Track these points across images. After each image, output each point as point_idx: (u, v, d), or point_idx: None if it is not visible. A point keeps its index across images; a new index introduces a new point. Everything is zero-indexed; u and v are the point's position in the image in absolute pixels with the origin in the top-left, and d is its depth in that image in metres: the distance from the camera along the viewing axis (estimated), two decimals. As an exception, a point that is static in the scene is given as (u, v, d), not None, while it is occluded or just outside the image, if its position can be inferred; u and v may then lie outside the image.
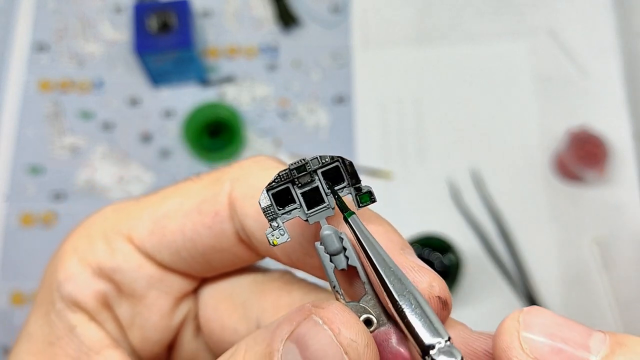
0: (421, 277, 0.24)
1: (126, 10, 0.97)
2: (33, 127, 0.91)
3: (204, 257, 0.29)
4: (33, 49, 0.95)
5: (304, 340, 0.22)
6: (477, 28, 0.93)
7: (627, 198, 0.83)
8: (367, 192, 0.25)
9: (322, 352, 0.22)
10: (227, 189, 0.28)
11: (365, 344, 0.22)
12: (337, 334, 0.22)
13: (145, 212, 0.29)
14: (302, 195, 0.25)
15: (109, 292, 0.29)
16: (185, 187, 0.29)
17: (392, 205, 0.84)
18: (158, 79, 0.91)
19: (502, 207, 0.83)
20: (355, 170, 0.25)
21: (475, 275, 0.80)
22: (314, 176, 0.25)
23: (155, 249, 0.29)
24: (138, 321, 0.30)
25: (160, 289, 0.29)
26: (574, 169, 0.82)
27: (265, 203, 0.25)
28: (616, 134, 0.85)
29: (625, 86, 0.88)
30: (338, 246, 0.25)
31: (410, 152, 0.87)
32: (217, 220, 0.28)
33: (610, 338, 0.21)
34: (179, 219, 0.28)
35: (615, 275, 0.80)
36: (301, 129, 0.90)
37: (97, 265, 0.29)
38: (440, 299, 0.24)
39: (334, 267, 0.25)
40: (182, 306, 0.31)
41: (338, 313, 0.23)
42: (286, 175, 0.25)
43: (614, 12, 0.92)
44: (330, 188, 0.25)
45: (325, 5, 0.96)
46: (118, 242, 0.29)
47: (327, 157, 0.25)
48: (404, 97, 0.90)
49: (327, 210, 0.25)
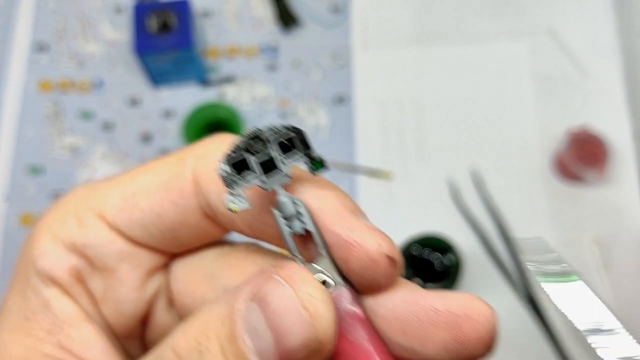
0: (370, 237, 0.25)
1: (126, 10, 0.97)
2: (33, 127, 0.91)
3: (171, 233, 0.30)
4: (33, 49, 0.95)
5: (266, 298, 0.23)
6: (477, 28, 0.93)
7: (627, 198, 0.83)
8: (319, 159, 0.27)
9: (283, 307, 0.23)
10: (192, 166, 0.29)
11: (323, 299, 0.23)
12: (296, 290, 0.23)
13: (116, 190, 0.30)
14: (259, 164, 0.26)
15: (81, 266, 0.30)
16: (154, 165, 0.30)
17: (392, 205, 0.84)
18: (158, 79, 0.91)
19: (502, 207, 0.83)
20: (307, 139, 0.26)
21: (475, 275, 0.80)
22: (268, 145, 0.26)
23: (125, 224, 0.30)
24: (110, 294, 0.31)
25: (131, 263, 0.30)
26: (574, 169, 0.82)
27: (223, 172, 0.26)
28: (616, 134, 0.85)
29: (625, 86, 0.88)
30: (293, 211, 0.26)
31: (410, 152, 0.87)
32: (183, 196, 0.29)
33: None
34: (147, 196, 0.29)
35: (615, 275, 0.80)
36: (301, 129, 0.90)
37: (70, 241, 0.30)
38: (388, 258, 0.25)
39: (290, 231, 0.26)
40: (154, 280, 0.32)
41: (297, 271, 0.24)
42: (242, 145, 0.26)
43: (614, 12, 0.92)
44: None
45: (325, 5, 0.96)
46: (89, 218, 0.30)
47: (281, 127, 0.26)
48: (404, 97, 0.90)
49: (283, 178, 0.26)
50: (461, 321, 0.25)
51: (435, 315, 0.25)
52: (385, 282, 0.26)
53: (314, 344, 0.23)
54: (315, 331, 0.23)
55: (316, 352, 0.24)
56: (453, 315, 0.25)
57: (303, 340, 0.23)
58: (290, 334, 0.23)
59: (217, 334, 0.24)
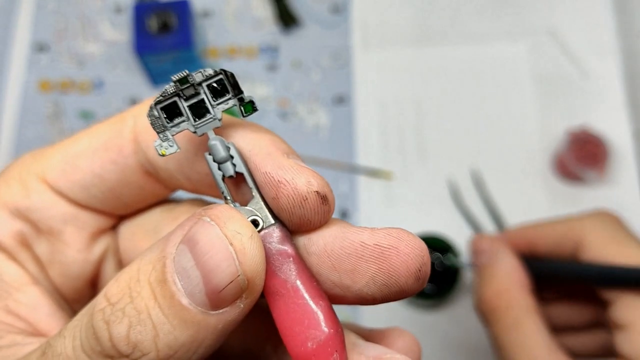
0: (300, 174, 0.25)
1: (126, 10, 0.97)
2: (33, 127, 0.91)
3: (113, 193, 0.30)
4: (33, 49, 0.95)
5: (194, 239, 0.23)
6: (477, 28, 0.93)
7: (627, 198, 0.83)
8: (249, 101, 0.27)
9: (210, 245, 0.23)
10: (131, 125, 0.29)
11: (250, 235, 0.24)
12: (222, 227, 0.23)
13: (58, 154, 0.30)
14: (189, 108, 0.26)
15: (26, 231, 0.30)
16: (94, 128, 0.31)
17: (392, 205, 0.84)
18: (158, 79, 0.91)
19: (502, 207, 0.83)
20: (237, 82, 0.26)
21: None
22: (199, 89, 0.26)
23: (68, 187, 0.30)
24: (57, 257, 0.31)
25: (76, 226, 0.31)
26: (574, 169, 0.82)
27: (153, 117, 0.26)
28: (616, 134, 0.85)
29: (625, 86, 0.88)
30: (225, 155, 0.26)
31: (410, 152, 0.87)
32: (122, 155, 0.29)
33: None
34: (88, 157, 0.30)
35: (615, 276, 0.80)
36: (301, 129, 0.90)
37: (14, 206, 0.30)
38: (318, 194, 0.25)
39: (222, 175, 0.26)
40: (100, 241, 0.32)
41: (224, 210, 0.24)
42: (172, 89, 0.26)
43: (614, 12, 0.92)
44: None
45: (325, 6, 0.96)
46: (32, 182, 0.30)
47: (210, 70, 0.26)
48: (404, 97, 0.90)
49: (214, 122, 0.26)
50: (388, 253, 0.25)
51: (363, 249, 0.25)
52: (316, 220, 0.26)
53: (241, 281, 0.23)
54: (243, 267, 0.23)
55: (245, 289, 0.23)
56: (380, 248, 0.25)
57: (230, 276, 0.23)
58: (217, 271, 0.23)
59: (148, 278, 0.24)
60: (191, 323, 0.23)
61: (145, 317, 0.23)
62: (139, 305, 0.23)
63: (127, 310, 0.23)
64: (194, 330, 0.23)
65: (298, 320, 0.24)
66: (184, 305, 0.23)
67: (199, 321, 0.23)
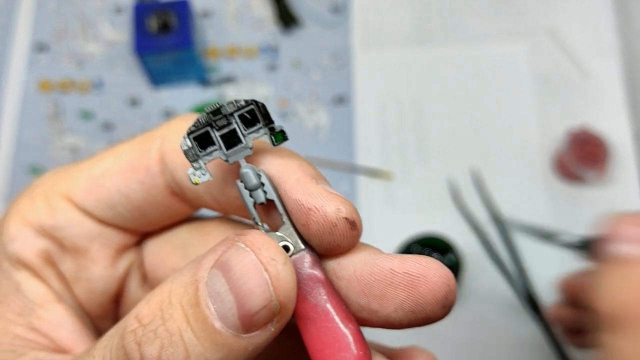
0: (329, 201, 0.26)
1: (126, 10, 0.97)
2: (33, 127, 0.91)
3: (139, 211, 0.31)
4: (33, 49, 0.95)
5: (228, 264, 0.24)
6: (477, 28, 0.93)
7: (627, 198, 0.83)
8: (280, 131, 0.28)
9: (245, 271, 0.24)
10: (157, 146, 0.30)
11: (284, 262, 0.24)
12: (257, 254, 0.24)
13: (83, 173, 0.31)
14: (221, 137, 0.27)
15: (51, 249, 0.31)
16: (120, 147, 0.31)
17: (392, 205, 0.84)
18: (158, 79, 0.91)
19: (502, 207, 0.83)
20: (268, 112, 0.27)
21: (475, 275, 0.80)
22: (230, 119, 0.27)
23: (93, 205, 0.30)
24: (82, 274, 0.31)
25: (101, 243, 0.31)
26: (574, 169, 0.82)
27: (186, 146, 0.27)
28: (616, 134, 0.85)
29: (625, 86, 0.88)
30: (256, 182, 0.27)
31: (410, 152, 0.87)
32: (149, 175, 0.30)
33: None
34: (114, 176, 0.30)
35: (615, 276, 0.80)
36: (301, 129, 0.90)
37: (39, 224, 0.30)
38: (347, 220, 0.26)
39: (253, 201, 0.27)
40: (125, 258, 0.32)
41: (258, 237, 0.25)
42: (204, 119, 0.27)
43: (614, 12, 0.92)
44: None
45: (325, 6, 0.96)
46: (57, 201, 0.30)
47: (242, 101, 0.27)
48: (404, 97, 0.90)
49: (245, 150, 0.27)
50: (417, 281, 0.26)
51: (392, 276, 0.26)
52: (345, 245, 0.26)
53: (274, 306, 0.24)
54: (276, 293, 0.24)
55: (277, 313, 0.24)
56: (409, 276, 0.26)
57: (264, 301, 0.24)
58: (252, 296, 0.23)
59: (180, 301, 0.24)
60: (222, 345, 0.24)
61: (177, 338, 0.23)
62: (171, 327, 0.24)
63: (159, 332, 0.24)
64: (225, 353, 0.24)
65: (328, 343, 0.25)
66: (217, 328, 0.23)
67: (231, 344, 0.24)
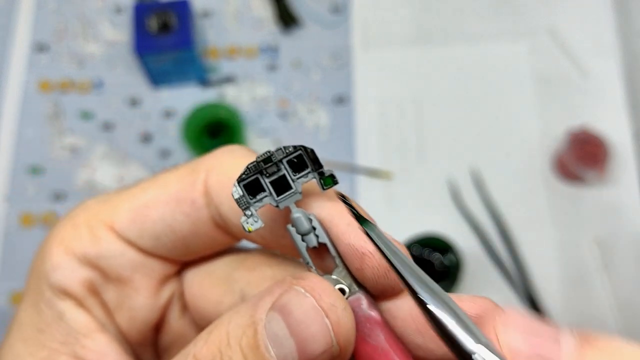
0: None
1: (126, 10, 0.97)
2: (33, 127, 0.91)
3: (183, 242, 0.31)
4: (33, 49, 0.95)
5: (287, 308, 0.24)
6: (477, 28, 0.93)
7: (627, 198, 0.83)
8: (329, 175, 0.27)
9: (305, 317, 0.24)
10: (203, 178, 0.30)
11: (344, 307, 0.24)
12: (318, 300, 0.24)
13: (126, 202, 0.31)
14: (271, 183, 0.27)
15: (94, 278, 0.31)
16: (164, 177, 0.31)
17: (392, 206, 0.84)
18: (158, 79, 0.91)
19: (502, 207, 0.83)
20: (317, 157, 0.27)
21: (475, 275, 0.80)
22: (279, 165, 0.27)
23: (137, 235, 0.30)
24: (125, 304, 0.31)
25: (144, 273, 0.31)
26: (574, 169, 0.82)
27: (238, 194, 0.27)
28: (616, 134, 0.85)
29: (625, 86, 0.88)
30: (308, 227, 0.27)
31: (410, 152, 0.87)
32: (195, 208, 0.30)
33: (576, 337, 0.22)
34: (159, 208, 0.30)
35: (616, 276, 0.80)
36: (301, 129, 0.90)
37: (82, 253, 0.30)
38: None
39: (306, 245, 0.27)
40: (167, 287, 0.32)
41: (318, 282, 0.25)
42: (254, 167, 0.27)
43: (614, 12, 0.92)
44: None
45: (325, 5, 0.96)
46: (101, 230, 0.30)
47: (290, 147, 0.27)
48: (404, 97, 0.90)
49: (295, 195, 0.27)
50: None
51: None
52: (399, 287, 0.27)
53: (335, 350, 0.24)
54: (337, 338, 0.24)
55: (337, 357, 0.24)
56: None
57: (325, 346, 0.24)
58: (312, 342, 0.24)
59: (239, 343, 0.24)
60: None
61: None
62: None
63: None
64: None
65: None
66: None
67: None
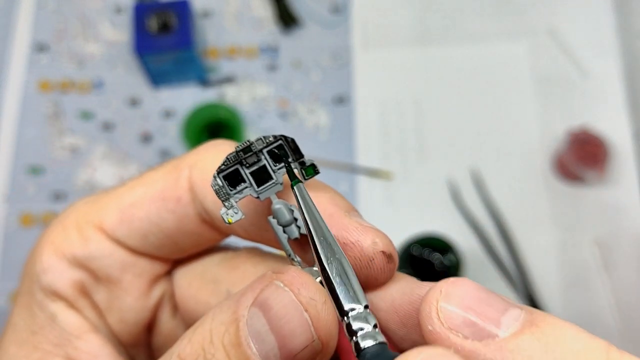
0: (365, 235, 0.26)
1: (126, 10, 0.97)
2: (33, 127, 0.91)
3: (170, 240, 0.31)
4: (33, 49, 0.95)
5: (268, 303, 0.24)
6: (477, 28, 0.93)
7: (628, 198, 0.83)
8: (310, 165, 0.27)
9: (284, 311, 0.23)
10: (186, 174, 0.30)
11: (323, 301, 0.24)
12: (297, 294, 0.24)
13: (114, 202, 0.31)
14: (251, 174, 0.27)
15: (85, 279, 0.31)
16: (149, 176, 0.31)
17: (392, 205, 0.84)
18: (158, 79, 0.91)
19: (502, 207, 0.83)
20: (297, 146, 0.27)
21: (475, 275, 0.80)
22: (260, 156, 0.27)
23: (125, 235, 0.30)
24: (115, 304, 0.31)
25: (134, 273, 0.31)
26: (574, 169, 0.82)
27: (217, 185, 0.26)
28: (616, 134, 0.85)
29: (625, 86, 0.88)
30: (289, 218, 0.26)
31: (410, 152, 0.87)
32: (180, 205, 0.30)
33: (524, 315, 0.22)
34: (145, 206, 0.30)
35: (616, 276, 0.80)
36: (301, 129, 0.90)
37: (72, 255, 0.30)
38: (384, 254, 0.25)
39: (287, 237, 0.27)
40: (157, 287, 0.32)
41: (297, 276, 0.24)
42: (234, 157, 0.26)
43: (614, 12, 0.92)
44: (284, 159, 0.27)
45: (325, 5, 0.96)
46: (90, 231, 0.31)
47: (271, 137, 0.27)
48: (404, 97, 0.90)
49: (276, 186, 0.27)
50: None
51: None
52: (382, 277, 0.26)
53: (316, 345, 0.24)
54: (318, 332, 0.24)
55: (319, 352, 0.24)
56: None
57: (306, 341, 0.24)
58: (293, 337, 0.23)
59: (222, 340, 0.24)
60: None
61: None
62: None
63: None
64: None
65: None
66: None
67: None
